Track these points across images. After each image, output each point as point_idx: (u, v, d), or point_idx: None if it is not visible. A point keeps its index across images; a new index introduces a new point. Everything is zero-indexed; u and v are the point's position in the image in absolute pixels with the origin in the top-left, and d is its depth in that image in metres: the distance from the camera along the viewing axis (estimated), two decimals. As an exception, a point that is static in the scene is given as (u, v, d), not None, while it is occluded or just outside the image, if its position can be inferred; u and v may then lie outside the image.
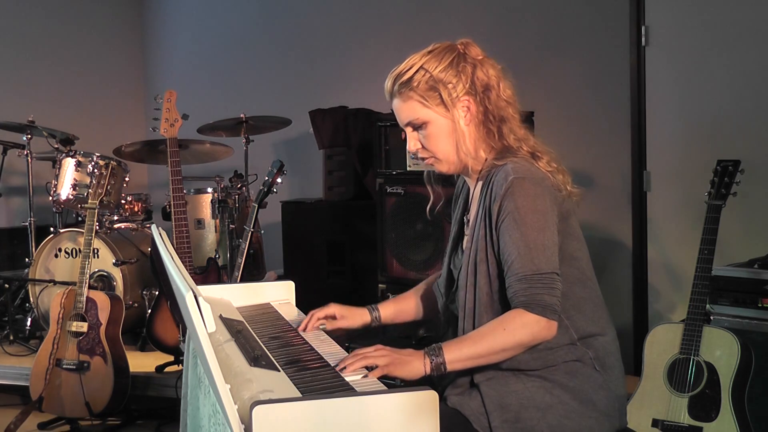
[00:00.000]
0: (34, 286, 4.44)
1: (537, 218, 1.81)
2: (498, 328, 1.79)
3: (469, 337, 1.83)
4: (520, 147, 1.93)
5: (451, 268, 2.06)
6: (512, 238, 1.81)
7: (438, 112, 1.92)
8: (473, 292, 1.90)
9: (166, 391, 3.75)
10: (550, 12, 4.29)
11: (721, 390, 2.70)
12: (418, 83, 1.92)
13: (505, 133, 1.93)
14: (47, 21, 5.81)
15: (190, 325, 1.48)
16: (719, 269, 2.98)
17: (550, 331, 1.79)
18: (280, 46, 5.56)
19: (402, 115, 1.97)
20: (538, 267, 1.78)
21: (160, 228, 2.07)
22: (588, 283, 1.94)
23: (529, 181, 1.83)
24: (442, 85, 1.91)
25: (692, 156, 3.75)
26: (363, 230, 4.21)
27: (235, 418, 1.35)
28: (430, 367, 1.77)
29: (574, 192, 1.93)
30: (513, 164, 1.86)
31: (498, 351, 1.79)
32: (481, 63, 1.95)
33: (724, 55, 3.67)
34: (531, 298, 1.77)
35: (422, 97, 1.92)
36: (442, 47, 1.95)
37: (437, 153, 1.96)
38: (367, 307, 2.20)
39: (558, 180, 1.90)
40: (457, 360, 1.78)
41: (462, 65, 1.92)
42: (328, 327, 2.11)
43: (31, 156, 4.65)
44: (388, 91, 1.99)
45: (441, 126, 1.93)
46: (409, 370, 1.76)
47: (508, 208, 1.82)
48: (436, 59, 1.93)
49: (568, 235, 1.89)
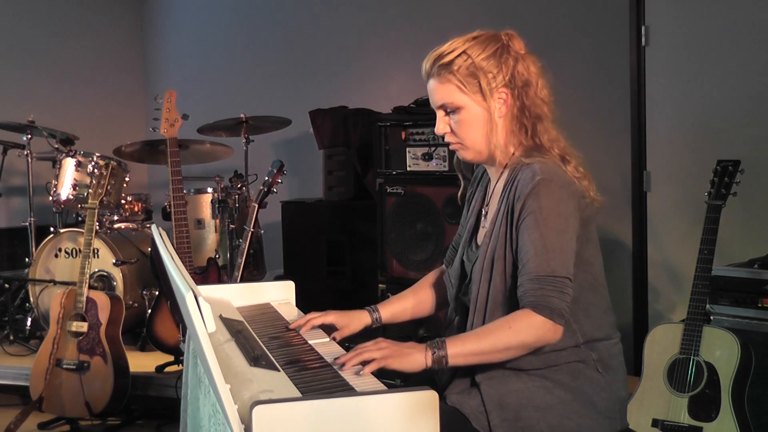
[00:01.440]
0: (34, 286, 4.44)
1: (559, 221, 1.80)
2: (504, 326, 1.78)
3: (474, 333, 1.83)
4: (551, 147, 1.91)
5: (464, 260, 2.04)
6: (531, 237, 1.80)
7: (474, 99, 1.91)
8: (487, 288, 1.89)
9: (166, 391, 3.75)
10: (550, 12, 4.29)
11: (721, 390, 2.69)
12: (459, 67, 1.90)
13: (540, 131, 1.92)
14: (47, 21, 5.81)
15: (190, 325, 1.48)
16: (719, 269, 2.97)
17: (555, 335, 1.78)
18: (280, 46, 5.56)
19: (437, 96, 1.95)
20: (553, 269, 1.77)
21: (160, 228, 2.07)
22: (599, 288, 1.94)
23: (556, 184, 1.82)
24: (482, 73, 1.89)
25: (692, 156, 3.75)
26: (363, 230, 4.21)
27: (235, 418, 1.35)
28: (432, 359, 1.75)
29: (597, 199, 1.93)
30: (541, 165, 1.85)
31: (501, 349, 1.78)
32: (523, 58, 1.94)
33: (724, 55, 3.67)
34: (540, 300, 1.76)
35: (461, 82, 1.90)
36: (486, 35, 1.94)
37: (466, 140, 1.95)
38: (367, 309, 2.17)
39: (583, 186, 1.89)
40: (460, 354, 1.77)
41: (505, 56, 1.91)
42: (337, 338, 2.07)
43: (31, 156, 4.65)
44: (425, 71, 1.96)
45: (475, 114, 1.92)
46: (409, 361, 1.74)
47: (531, 207, 1.81)
48: (480, 46, 1.91)
49: (586, 241, 1.89)
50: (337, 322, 2.09)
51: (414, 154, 3.71)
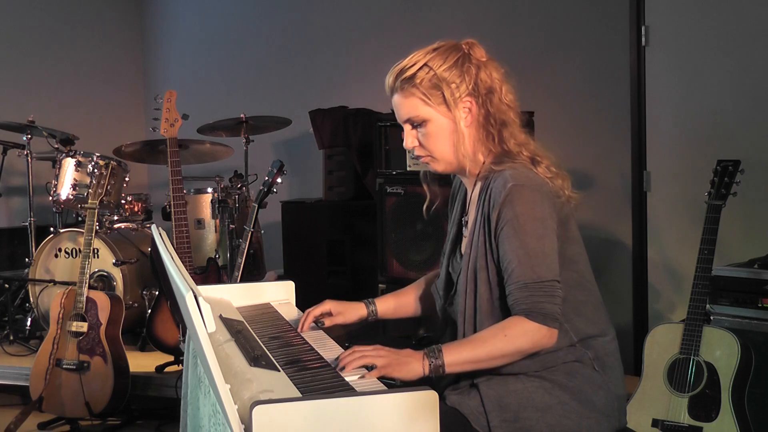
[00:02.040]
0: (34, 286, 4.43)
1: (536, 226, 1.80)
2: (499, 334, 1.79)
3: (470, 341, 1.83)
4: (520, 152, 1.91)
5: (450, 271, 2.05)
6: (512, 246, 1.80)
7: (439, 111, 1.91)
8: (473, 299, 1.89)
9: (166, 391, 3.75)
10: (550, 12, 4.29)
11: (721, 390, 2.69)
12: (421, 80, 1.90)
13: (506, 137, 1.92)
14: (47, 21, 5.81)
15: (190, 325, 1.48)
16: (719, 269, 2.97)
17: (550, 339, 1.79)
18: (280, 46, 5.56)
19: (402, 111, 1.95)
20: (539, 275, 1.78)
21: (160, 228, 2.07)
22: (587, 285, 1.93)
23: (528, 188, 1.82)
24: (445, 84, 1.89)
25: (692, 156, 3.75)
26: (363, 230, 4.21)
27: (235, 418, 1.35)
28: (429, 368, 1.76)
29: (573, 196, 1.92)
30: (512, 170, 1.85)
31: (497, 357, 1.79)
32: (485, 65, 1.94)
33: (724, 55, 3.67)
34: (532, 306, 1.77)
35: (424, 95, 1.90)
36: (447, 46, 1.94)
37: (434, 152, 1.95)
38: (364, 302, 2.19)
39: (557, 185, 1.89)
40: (456, 363, 1.78)
41: (466, 66, 1.91)
42: (326, 324, 2.11)
43: (31, 156, 4.65)
44: (389, 86, 1.97)
45: (441, 125, 1.92)
46: (407, 371, 1.75)
47: (506, 216, 1.81)
48: (440, 57, 1.91)
49: (567, 240, 1.88)
50: (333, 309, 2.13)
51: (414, 154, 3.70)
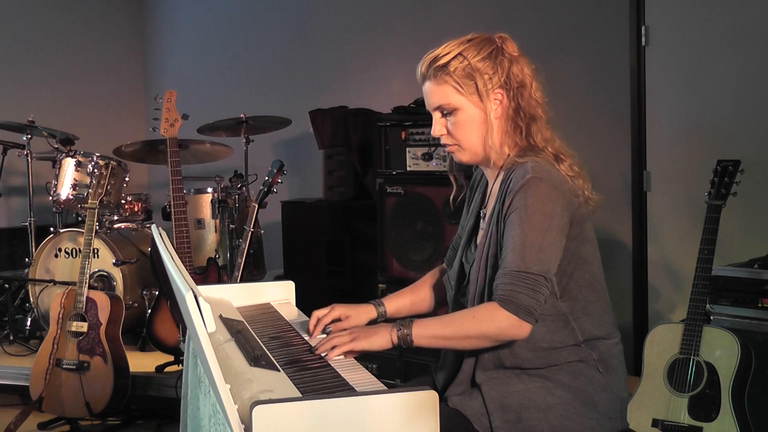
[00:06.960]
0: (34, 286, 4.44)
1: (542, 219, 1.80)
2: (468, 315, 1.83)
3: (441, 318, 1.88)
4: (545, 147, 1.92)
5: (463, 262, 2.05)
6: (513, 232, 1.81)
7: (471, 100, 1.92)
8: (483, 288, 1.90)
9: (166, 391, 3.75)
10: (550, 12, 4.29)
11: (721, 390, 2.69)
12: (455, 69, 1.91)
13: (533, 131, 1.93)
14: (47, 21, 5.81)
15: (190, 325, 1.48)
16: (719, 269, 2.97)
17: (520, 331, 1.78)
18: (279, 46, 5.56)
19: (433, 98, 1.95)
20: (528, 266, 1.78)
21: (160, 228, 2.07)
22: (597, 287, 1.94)
23: (546, 182, 1.83)
24: (479, 74, 1.90)
25: (692, 156, 3.75)
26: (363, 230, 4.21)
27: (235, 418, 1.35)
28: (397, 336, 1.83)
29: (593, 198, 1.93)
30: (534, 163, 1.86)
31: (463, 337, 1.82)
32: (517, 59, 1.95)
33: (724, 55, 3.67)
34: (508, 295, 1.77)
35: (458, 84, 1.91)
36: (481, 38, 1.95)
37: (462, 141, 1.95)
38: (372, 303, 2.18)
39: (577, 184, 1.90)
40: (424, 336, 1.83)
41: (500, 58, 1.93)
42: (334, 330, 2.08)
43: (31, 156, 4.65)
44: (421, 74, 1.97)
45: (471, 115, 1.93)
46: (375, 340, 1.83)
47: (517, 204, 1.82)
48: (475, 48, 1.92)
49: (582, 240, 1.89)
50: (342, 314, 2.09)
51: (414, 154, 3.71)
